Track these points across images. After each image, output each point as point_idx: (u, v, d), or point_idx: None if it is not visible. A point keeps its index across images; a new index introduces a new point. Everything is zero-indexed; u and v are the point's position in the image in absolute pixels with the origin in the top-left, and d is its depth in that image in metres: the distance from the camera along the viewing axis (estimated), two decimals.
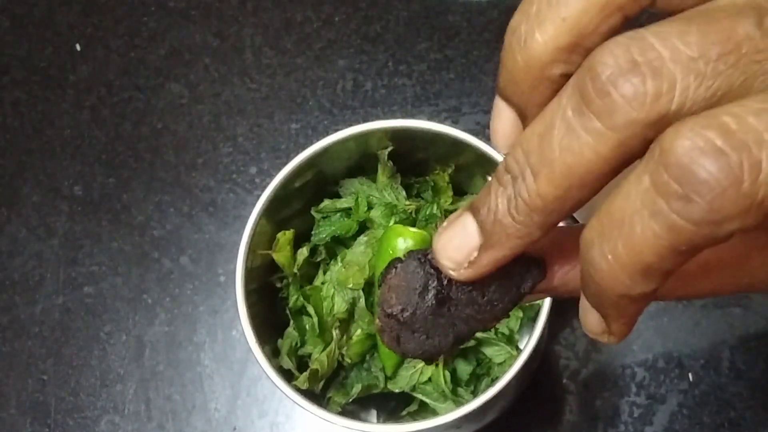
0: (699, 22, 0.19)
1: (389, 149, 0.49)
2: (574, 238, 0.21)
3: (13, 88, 0.68)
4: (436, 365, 0.47)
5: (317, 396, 0.48)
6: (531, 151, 0.20)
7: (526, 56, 0.21)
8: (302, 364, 0.49)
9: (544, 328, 0.43)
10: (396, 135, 0.49)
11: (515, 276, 0.24)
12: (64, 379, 0.59)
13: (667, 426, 0.53)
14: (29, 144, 0.66)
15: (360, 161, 0.50)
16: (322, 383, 0.48)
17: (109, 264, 0.61)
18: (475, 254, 0.22)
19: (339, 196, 0.51)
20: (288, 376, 0.46)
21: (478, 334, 0.47)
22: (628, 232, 0.19)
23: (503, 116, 0.23)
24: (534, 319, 0.44)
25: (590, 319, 0.22)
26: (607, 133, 0.19)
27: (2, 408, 0.58)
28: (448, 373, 0.47)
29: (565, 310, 0.56)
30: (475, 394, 0.48)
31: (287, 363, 0.47)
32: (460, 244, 0.23)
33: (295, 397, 0.44)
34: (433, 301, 0.24)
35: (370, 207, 0.50)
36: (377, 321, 0.25)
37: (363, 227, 0.50)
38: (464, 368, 0.48)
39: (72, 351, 0.59)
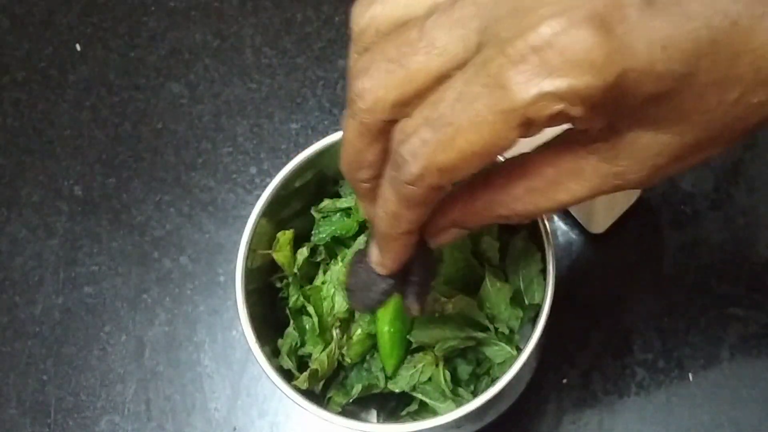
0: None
1: None
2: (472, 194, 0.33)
3: (13, 88, 0.68)
4: (437, 365, 0.47)
5: (317, 396, 0.48)
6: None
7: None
8: (302, 364, 0.48)
9: (544, 328, 0.43)
10: None
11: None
12: (64, 379, 0.59)
13: (667, 426, 0.53)
14: (29, 144, 0.66)
15: None
16: (322, 383, 0.48)
17: (109, 264, 0.61)
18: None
19: (339, 196, 0.51)
20: (288, 376, 0.46)
21: (479, 335, 0.47)
22: (388, 192, 0.31)
23: None
24: (534, 319, 0.44)
25: (374, 252, 0.35)
26: (353, 121, 0.30)
27: (2, 408, 0.58)
28: (448, 373, 0.47)
29: (565, 310, 0.56)
30: (475, 394, 0.48)
31: (287, 363, 0.47)
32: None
33: (295, 397, 0.44)
34: (381, 297, 0.37)
35: None
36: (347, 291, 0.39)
37: (363, 227, 0.50)
38: (464, 368, 0.48)
39: (72, 351, 0.59)
